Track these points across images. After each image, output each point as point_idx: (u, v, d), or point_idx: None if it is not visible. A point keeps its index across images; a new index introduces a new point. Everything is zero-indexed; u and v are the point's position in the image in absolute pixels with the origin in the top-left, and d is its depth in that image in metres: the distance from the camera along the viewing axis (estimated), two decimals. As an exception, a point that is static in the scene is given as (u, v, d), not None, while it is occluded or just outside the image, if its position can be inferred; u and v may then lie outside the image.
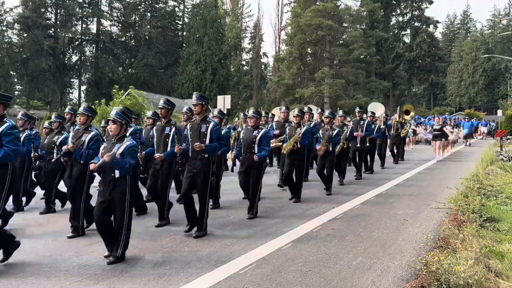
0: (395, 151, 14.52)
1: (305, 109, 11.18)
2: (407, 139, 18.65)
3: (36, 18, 43.50)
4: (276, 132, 9.48)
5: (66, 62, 48.41)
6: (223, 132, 6.86)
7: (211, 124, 5.62)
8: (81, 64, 49.60)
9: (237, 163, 7.16)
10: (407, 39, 58.46)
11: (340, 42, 43.46)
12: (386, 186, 9.74)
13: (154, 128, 6.44)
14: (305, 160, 8.29)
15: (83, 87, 51.23)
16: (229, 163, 8.65)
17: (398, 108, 16.48)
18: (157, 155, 5.98)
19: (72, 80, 51.27)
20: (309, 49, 44.85)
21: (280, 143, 8.66)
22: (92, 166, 4.54)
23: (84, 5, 48.22)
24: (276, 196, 8.50)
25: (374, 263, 4.47)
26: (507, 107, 37.89)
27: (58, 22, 47.10)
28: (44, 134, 7.46)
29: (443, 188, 9.06)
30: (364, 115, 12.35)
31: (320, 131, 8.83)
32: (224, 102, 18.60)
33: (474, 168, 11.52)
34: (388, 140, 14.63)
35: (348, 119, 14.21)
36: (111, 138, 4.76)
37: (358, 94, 41.91)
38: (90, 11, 48.45)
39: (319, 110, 12.19)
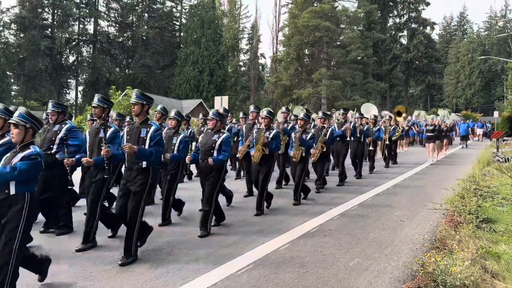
0: (387, 155, 13.75)
1: (283, 109, 9.86)
2: (398, 142, 18.11)
3: (33, 19, 43.40)
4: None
5: (63, 62, 48.31)
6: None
7: (152, 128, 4.75)
8: (78, 64, 49.52)
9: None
10: (404, 41, 58.70)
11: (338, 43, 43.58)
12: (383, 187, 9.75)
13: (87, 131, 5.48)
14: (271, 167, 7.30)
15: (80, 88, 51.19)
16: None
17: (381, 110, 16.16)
18: (84, 159, 4.99)
19: (69, 80, 51.17)
20: (306, 50, 44.99)
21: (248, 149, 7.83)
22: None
23: (81, 5, 48.14)
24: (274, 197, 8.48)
25: (371, 264, 4.48)
26: (504, 109, 38.01)
27: (55, 23, 47.01)
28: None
29: (439, 189, 9.09)
30: (351, 117, 12.16)
31: (292, 135, 7.89)
32: (221, 103, 18.60)
33: (471, 169, 11.56)
34: (379, 143, 13.90)
35: (334, 120, 13.84)
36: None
37: (355, 95, 42.04)
38: (87, 11, 48.37)
39: (304, 110, 11.35)
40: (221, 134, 5.81)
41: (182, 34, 53.84)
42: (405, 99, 60.23)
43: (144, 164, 4.70)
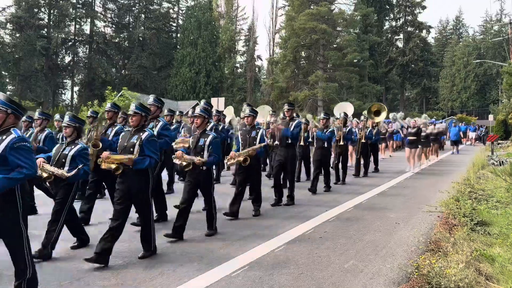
0: (362, 162, 12.33)
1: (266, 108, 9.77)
2: (380, 146, 16.48)
3: (29, 18, 43.19)
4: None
5: (59, 62, 48.08)
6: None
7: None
8: (74, 65, 49.30)
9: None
10: (400, 44, 58.93)
11: (334, 46, 43.69)
12: (379, 189, 9.77)
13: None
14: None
15: (75, 88, 50.92)
16: None
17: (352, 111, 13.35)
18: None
19: (65, 81, 50.93)
20: (303, 52, 45.06)
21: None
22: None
23: (78, 5, 47.97)
24: (268, 198, 8.47)
25: (366, 266, 4.48)
26: (498, 112, 38.22)
27: (51, 23, 46.80)
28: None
29: (435, 192, 9.12)
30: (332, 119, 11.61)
31: (239, 134, 7.17)
32: (218, 104, 18.61)
33: (466, 172, 11.62)
34: (350, 148, 12.64)
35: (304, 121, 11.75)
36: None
37: (351, 98, 42.10)
38: (83, 11, 48.21)
39: (271, 112, 10.82)
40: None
41: (178, 35, 53.77)
42: (400, 102, 60.45)
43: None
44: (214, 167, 7.31)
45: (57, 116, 7.93)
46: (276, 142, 8.11)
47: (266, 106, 11.34)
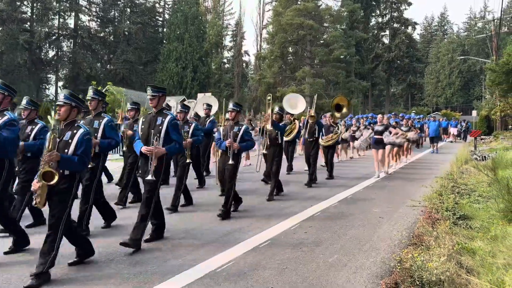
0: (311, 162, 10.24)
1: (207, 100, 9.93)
2: (338, 147, 14.17)
3: (12, 12, 42.33)
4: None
5: (42, 57, 47.29)
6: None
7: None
8: (58, 59, 48.53)
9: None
10: (386, 40, 59.40)
11: (321, 42, 43.84)
12: (363, 184, 9.86)
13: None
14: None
15: (60, 83, 50.19)
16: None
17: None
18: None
19: (49, 75, 50.17)
20: (290, 48, 45.10)
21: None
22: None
23: (62, -1, 47.25)
24: (253, 194, 8.49)
25: (349, 260, 4.52)
26: (482, 108, 38.89)
27: (34, 16, 45.96)
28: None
29: (418, 187, 9.24)
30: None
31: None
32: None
33: (449, 167, 11.79)
34: (298, 148, 11.75)
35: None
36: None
37: (338, 94, 42.35)
38: (67, 5, 47.41)
39: (205, 105, 10.32)
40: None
41: (165, 29, 53.34)
42: (386, 98, 61.01)
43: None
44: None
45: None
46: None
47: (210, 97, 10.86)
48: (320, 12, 43.12)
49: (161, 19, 56.64)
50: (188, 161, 7.19)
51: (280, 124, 8.44)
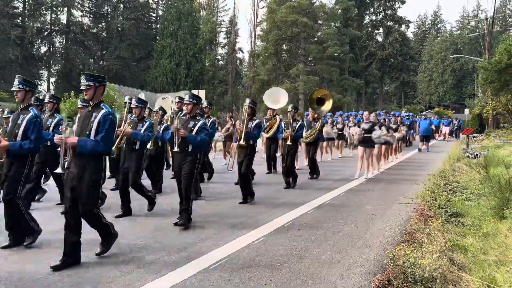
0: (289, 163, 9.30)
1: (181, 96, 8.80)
2: (322, 144, 13.45)
3: (3, 7, 41.81)
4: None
5: (34, 52, 46.79)
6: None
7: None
8: (50, 55, 48.06)
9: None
10: (379, 38, 59.50)
11: (315, 39, 43.81)
12: (356, 182, 9.89)
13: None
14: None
15: (52, 79, 49.72)
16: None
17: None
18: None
19: (41, 71, 49.64)
20: (284, 45, 45.04)
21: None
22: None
23: (54, -6, 46.74)
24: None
25: (342, 257, 4.54)
26: (474, 106, 39.17)
27: (26, 11, 45.45)
28: None
29: (411, 184, 9.30)
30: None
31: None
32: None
33: (441, 165, 11.87)
34: (279, 149, 11.03)
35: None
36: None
37: (332, 92, 42.36)
38: (60, 0, 46.92)
39: (177, 98, 9.27)
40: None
41: (158, 26, 53.00)
42: (380, 96, 61.22)
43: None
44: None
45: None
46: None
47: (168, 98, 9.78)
48: (314, 10, 43.09)
49: (154, 15, 56.28)
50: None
51: (255, 119, 7.57)
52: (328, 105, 10.05)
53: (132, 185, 6.43)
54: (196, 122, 5.86)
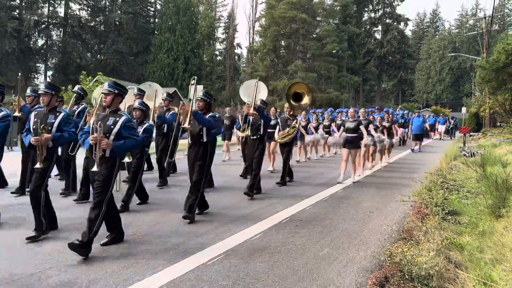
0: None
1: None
2: (297, 144, 12.15)
3: (0, -1, 41.55)
4: None
5: (31, 45, 46.49)
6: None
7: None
8: (47, 48, 47.78)
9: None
10: (378, 35, 59.57)
11: (313, 36, 43.78)
12: (354, 179, 9.91)
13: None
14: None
15: (49, 72, 49.48)
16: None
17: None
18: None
19: (38, 64, 49.39)
20: (282, 41, 45.00)
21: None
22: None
23: (51, -14, 46.43)
24: (242, 188, 8.48)
25: (340, 254, 4.55)
26: (471, 105, 39.26)
27: (23, 4, 45.10)
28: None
29: (408, 182, 9.32)
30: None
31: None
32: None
33: (438, 163, 11.90)
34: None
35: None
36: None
37: (330, 88, 42.43)
38: (57, -7, 46.67)
39: (165, 95, 8.95)
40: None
41: (156, 20, 52.79)
42: (377, 93, 61.31)
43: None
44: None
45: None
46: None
47: (153, 85, 8.93)
48: (313, 6, 43.04)
49: (152, 9, 56.02)
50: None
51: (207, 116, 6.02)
52: (306, 101, 8.76)
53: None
54: (118, 119, 4.58)
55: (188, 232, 5.24)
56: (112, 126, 4.47)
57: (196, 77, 6.67)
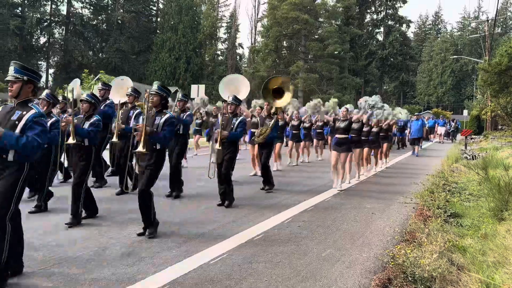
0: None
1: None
2: (276, 146, 10.49)
3: (2, -4, 41.62)
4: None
5: (33, 43, 46.60)
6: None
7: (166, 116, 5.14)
8: (49, 46, 47.87)
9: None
10: (380, 37, 59.56)
11: (316, 37, 43.77)
12: (356, 180, 9.91)
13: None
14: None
15: (51, 70, 49.54)
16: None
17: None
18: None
19: (40, 62, 49.46)
20: (284, 42, 45.01)
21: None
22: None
23: (54, -15, 46.50)
24: (247, 187, 8.49)
25: (342, 255, 4.55)
26: (473, 108, 39.23)
27: (26, 1, 45.18)
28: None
29: (410, 184, 9.32)
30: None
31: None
32: (198, 91, 18.40)
33: (440, 165, 11.89)
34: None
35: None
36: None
37: (331, 90, 42.42)
38: (60, -9, 46.74)
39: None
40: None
41: (158, 19, 52.81)
42: (379, 95, 61.23)
43: None
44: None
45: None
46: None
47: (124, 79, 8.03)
48: (316, 7, 43.03)
49: (155, 8, 56.04)
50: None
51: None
52: (286, 98, 8.03)
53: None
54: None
55: (189, 232, 5.24)
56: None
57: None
